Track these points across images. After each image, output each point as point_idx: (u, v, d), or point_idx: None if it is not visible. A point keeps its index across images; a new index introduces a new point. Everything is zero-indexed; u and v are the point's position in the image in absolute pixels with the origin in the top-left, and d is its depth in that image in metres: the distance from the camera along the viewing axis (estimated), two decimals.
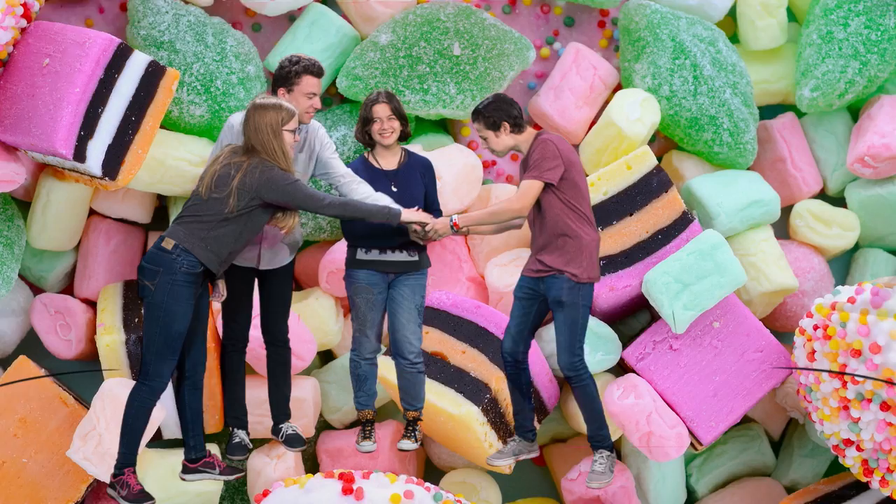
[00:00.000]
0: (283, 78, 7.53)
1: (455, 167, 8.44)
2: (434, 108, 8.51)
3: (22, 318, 8.61)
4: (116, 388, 8.01)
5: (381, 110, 7.66)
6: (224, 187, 7.08)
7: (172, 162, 8.30)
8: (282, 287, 7.64)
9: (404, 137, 7.78)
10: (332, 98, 8.94)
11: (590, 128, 8.92)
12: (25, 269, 8.63)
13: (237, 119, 7.44)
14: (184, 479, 7.33)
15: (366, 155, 7.81)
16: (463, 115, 8.57)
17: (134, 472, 7.15)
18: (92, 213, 8.69)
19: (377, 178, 7.67)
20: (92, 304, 8.66)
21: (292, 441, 7.68)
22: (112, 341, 8.26)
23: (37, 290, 8.76)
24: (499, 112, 7.62)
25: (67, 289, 8.77)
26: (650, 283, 8.28)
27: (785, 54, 9.13)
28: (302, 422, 8.30)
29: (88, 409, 8.17)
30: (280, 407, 7.77)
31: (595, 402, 7.67)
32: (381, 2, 8.67)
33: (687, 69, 8.67)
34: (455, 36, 8.49)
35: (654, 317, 8.63)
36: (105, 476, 7.99)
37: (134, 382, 8.16)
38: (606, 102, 8.93)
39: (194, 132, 8.45)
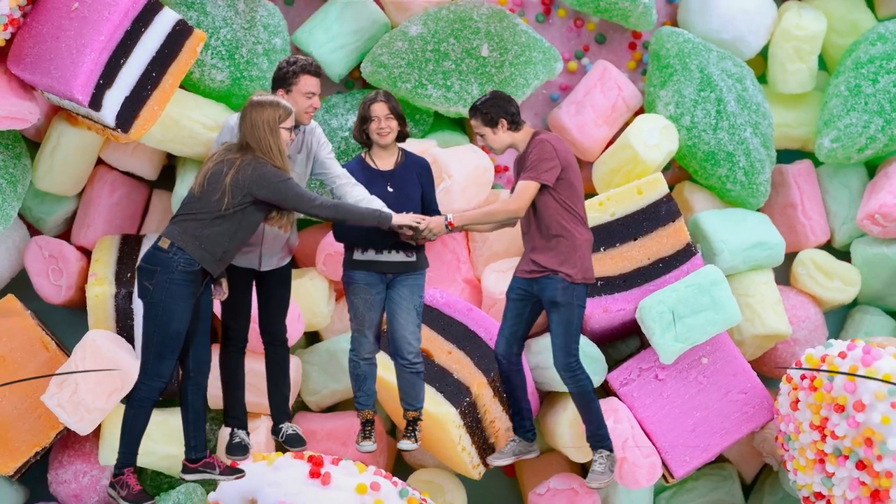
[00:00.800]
0: (281, 79, 7.51)
1: (466, 167, 8.42)
2: (454, 105, 8.48)
3: (15, 257, 8.58)
4: (99, 340, 8.00)
5: (379, 109, 7.65)
6: (217, 184, 7.06)
7: (187, 123, 8.28)
8: (280, 287, 7.63)
9: (402, 138, 7.75)
10: (354, 81, 8.92)
11: (606, 147, 8.90)
12: (25, 209, 8.61)
13: (235, 119, 7.42)
14: (184, 479, 7.32)
15: (363, 155, 7.79)
16: None
17: (134, 473, 7.17)
18: (99, 162, 8.67)
19: (373, 179, 7.65)
20: (87, 252, 8.64)
21: (292, 441, 7.67)
22: (102, 292, 8.24)
23: (34, 231, 8.73)
24: (496, 108, 7.61)
25: (64, 234, 8.75)
26: (645, 309, 8.26)
27: (810, 101, 9.11)
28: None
29: (69, 356, 8.15)
30: (280, 407, 7.75)
31: (593, 402, 7.68)
32: None
33: (711, 102, 8.64)
34: (485, 37, 8.47)
35: (644, 344, 8.60)
36: (76, 425, 7.98)
37: (118, 336, 8.18)
38: (626, 124, 8.90)
39: (213, 96, 8.43)
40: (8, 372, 8.12)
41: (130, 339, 8.27)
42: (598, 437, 7.78)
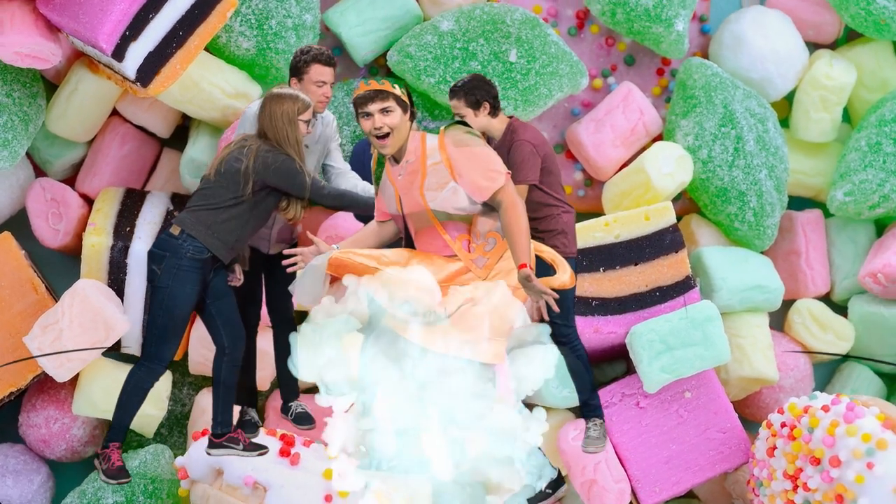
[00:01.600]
0: (294, 68, 7.52)
1: None
2: None
3: (17, 195, 8.56)
4: (89, 289, 7.98)
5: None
6: (232, 173, 7.12)
7: (206, 86, 8.26)
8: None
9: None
10: (378, 68, 8.89)
11: (620, 168, 8.87)
12: (34, 150, 8.59)
13: (253, 110, 7.41)
14: (209, 454, 7.31)
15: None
16: None
17: (119, 448, 7.22)
18: (114, 113, 8.64)
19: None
20: (89, 201, 8.62)
21: (301, 419, 7.69)
22: (98, 243, 8.22)
23: (40, 172, 8.71)
24: (481, 91, 7.48)
25: (69, 180, 8.73)
26: (635, 336, 8.25)
27: (829, 152, 9.09)
28: (261, 374, 8.25)
29: (56, 301, 8.13)
30: (289, 386, 7.76)
31: (589, 373, 7.64)
32: None
33: (730, 139, 8.62)
34: (515, 42, 8.44)
35: (630, 370, 8.58)
36: (54, 371, 7.96)
37: (108, 288, 8.16)
38: (643, 149, 8.88)
39: (236, 64, 8.41)
40: None
41: (120, 293, 8.25)
42: (591, 406, 7.73)
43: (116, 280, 8.25)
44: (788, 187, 8.93)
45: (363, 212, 7.41)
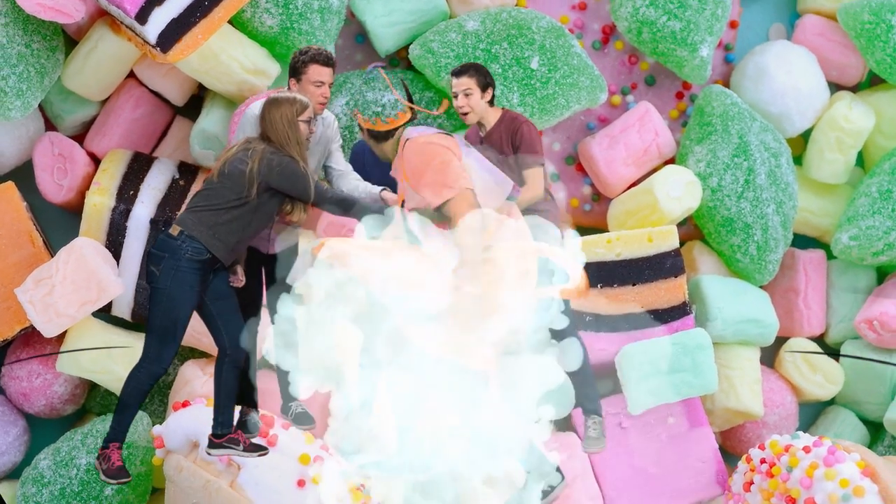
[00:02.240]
0: (293, 69, 7.50)
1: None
2: None
3: (26, 146, 8.54)
4: (86, 248, 7.96)
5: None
6: (236, 174, 7.08)
7: (226, 59, 8.23)
8: (286, 267, 7.61)
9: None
10: (399, 60, 8.87)
11: (629, 187, 8.85)
12: (47, 103, 8.57)
13: (254, 112, 7.39)
14: (209, 454, 7.29)
15: None
16: None
17: (119, 448, 7.15)
18: (131, 75, 8.62)
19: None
20: (96, 160, 8.60)
21: (301, 419, 7.65)
22: (100, 203, 8.21)
23: (50, 126, 8.69)
24: (489, 75, 7.56)
25: (79, 137, 8.70)
26: (625, 356, 8.23)
27: (839, 194, 9.07)
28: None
29: (52, 256, 8.11)
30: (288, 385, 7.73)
31: (589, 368, 7.59)
32: None
33: (742, 170, 8.60)
34: (538, 50, 8.42)
35: (616, 389, 8.55)
36: (42, 326, 7.94)
37: (105, 249, 8.15)
38: (654, 170, 8.86)
39: (258, 40, 8.38)
40: None
41: (117, 256, 8.23)
42: (591, 403, 7.66)
43: (114, 242, 8.23)
44: (795, 225, 8.91)
45: (367, 213, 7.36)
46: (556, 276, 7.12)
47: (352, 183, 7.55)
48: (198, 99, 8.75)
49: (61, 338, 8.27)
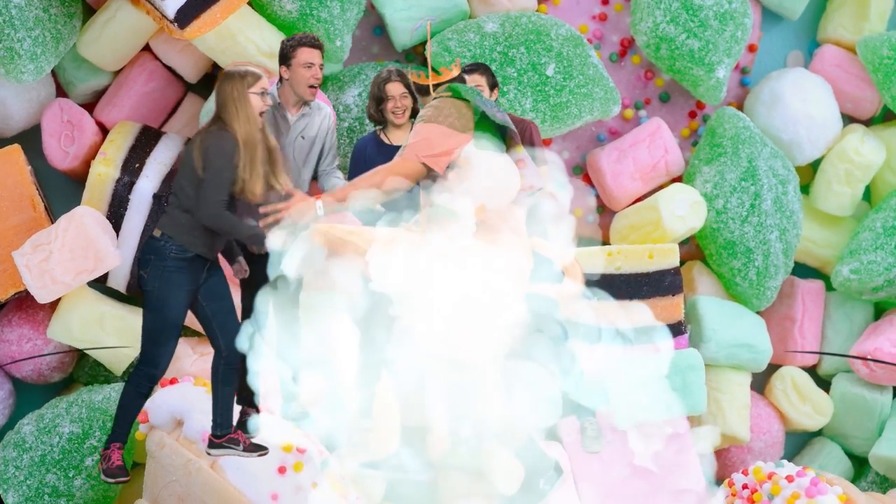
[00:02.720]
0: (282, 55, 7.50)
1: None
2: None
3: (35, 111, 8.52)
4: (87, 217, 7.94)
5: (395, 88, 7.65)
6: (189, 167, 6.94)
7: (243, 40, 8.22)
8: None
9: (415, 114, 7.70)
10: (415, 56, 8.86)
11: (634, 202, 8.84)
12: (60, 69, 8.55)
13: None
14: (209, 454, 7.26)
15: (377, 131, 7.77)
16: None
17: (120, 448, 7.10)
18: (146, 48, 8.60)
19: (388, 154, 7.59)
20: (104, 130, 8.58)
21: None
22: (105, 173, 8.19)
23: (61, 93, 8.67)
24: (496, 78, 7.60)
25: (88, 106, 8.68)
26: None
27: (843, 226, 9.05)
28: None
29: (52, 223, 8.10)
30: None
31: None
32: None
33: (749, 194, 8.58)
34: (555, 57, 8.41)
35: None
36: (36, 291, 7.92)
37: (105, 220, 8.13)
38: (660, 187, 8.85)
39: (276, 24, 8.36)
40: None
41: (117, 228, 8.21)
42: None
43: (116, 214, 8.21)
44: (796, 254, 8.90)
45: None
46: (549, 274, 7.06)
47: (331, 181, 7.50)
48: (211, 77, 8.74)
49: (54, 305, 8.25)
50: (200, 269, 7.00)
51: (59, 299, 8.18)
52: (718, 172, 8.64)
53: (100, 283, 8.32)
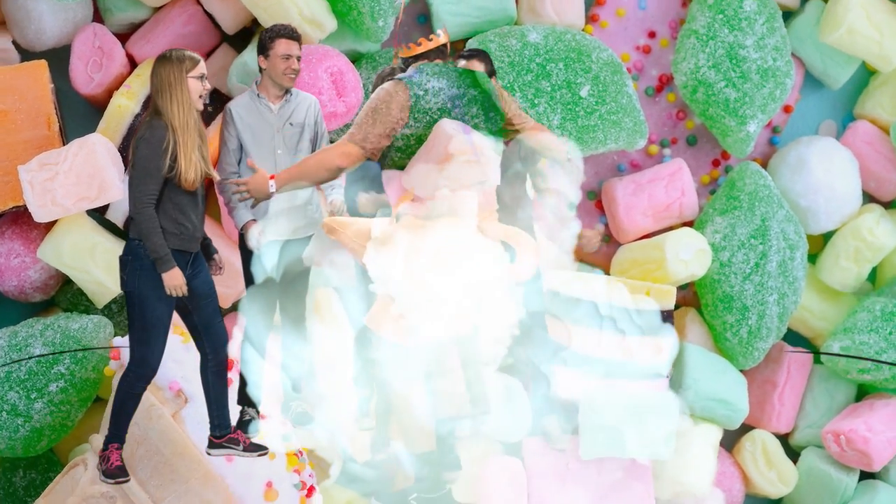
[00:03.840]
0: (260, 46, 7.50)
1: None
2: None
3: (69, 31, 8.47)
4: (99, 145, 7.90)
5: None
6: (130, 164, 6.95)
7: (287, 1, 8.17)
8: None
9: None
10: (454, 51, 8.81)
11: (641, 237, 8.81)
12: None
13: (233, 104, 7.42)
14: (210, 454, 7.23)
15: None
16: None
17: (118, 448, 7.07)
18: None
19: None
20: (133, 64, 8.55)
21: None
22: (125, 106, 8.16)
23: (97, 18, 8.63)
24: (493, 67, 7.50)
25: (122, 37, 8.64)
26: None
27: (843, 302, 9.03)
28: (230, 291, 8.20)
29: (64, 144, 8.06)
30: None
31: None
32: (555, 9, 8.57)
33: (756, 253, 8.55)
34: (592, 80, 8.37)
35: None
36: (35, 209, 7.87)
37: (117, 152, 8.10)
38: (670, 228, 8.82)
39: None
40: (1, 127, 8.02)
41: (125, 162, 8.17)
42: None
43: (127, 147, 8.16)
44: (791, 320, 8.86)
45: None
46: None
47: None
48: (248, 32, 8.70)
49: (49, 226, 8.21)
50: (182, 267, 6.91)
51: (55, 221, 8.14)
52: (730, 225, 8.61)
53: (99, 214, 8.28)
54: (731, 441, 9.01)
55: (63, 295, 8.55)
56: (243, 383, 7.55)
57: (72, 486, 7.49)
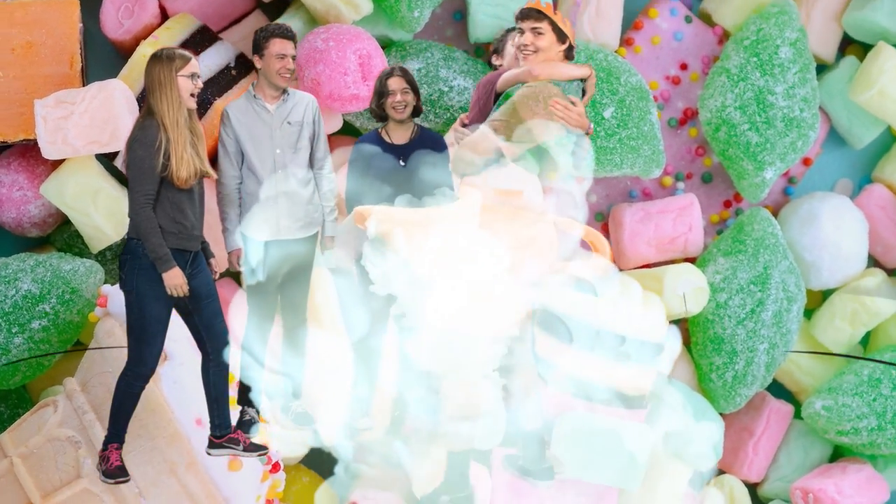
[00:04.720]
0: (255, 45, 7.49)
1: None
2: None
3: None
4: (118, 90, 7.87)
5: (396, 83, 7.58)
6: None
7: None
8: None
9: (417, 113, 7.65)
10: (484, 51, 8.80)
11: (641, 267, 8.78)
12: None
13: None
14: (210, 454, 7.23)
15: (379, 130, 7.70)
16: None
17: (118, 448, 7.07)
18: None
19: (387, 152, 7.56)
20: (164, 17, 8.52)
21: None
22: (147, 55, 8.11)
23: None
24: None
25: None
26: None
27: (832, 361, 9.00)
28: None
29: (84, 85, 8.04)
30: None
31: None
32: (592, 26, 8.55)
33: (753, 299, 8.53)
34: (617, 103, 8.34)
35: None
36: (44, 144, 7.85)
37: (135, 101, 8.07)
38: (671, 261, 8.79)
39: None
40: (22, 61, 7.99)
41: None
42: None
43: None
44: (777, 371, 8.83)
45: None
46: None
47: (323, 187, 7.51)
48: (283, 2, 8.67)
49: (56, 164, 8.18)
50: (182, 266, 6.92)
51: (63, 160, 8.11)
52: (732, 268, 8.58)
53: (107, 160, 8.25)
54: (698, 482, 8.97)
55: (59, 235, 8.52)
56: (243, 384, 7.55)
57: (38, 426, 7.46)
